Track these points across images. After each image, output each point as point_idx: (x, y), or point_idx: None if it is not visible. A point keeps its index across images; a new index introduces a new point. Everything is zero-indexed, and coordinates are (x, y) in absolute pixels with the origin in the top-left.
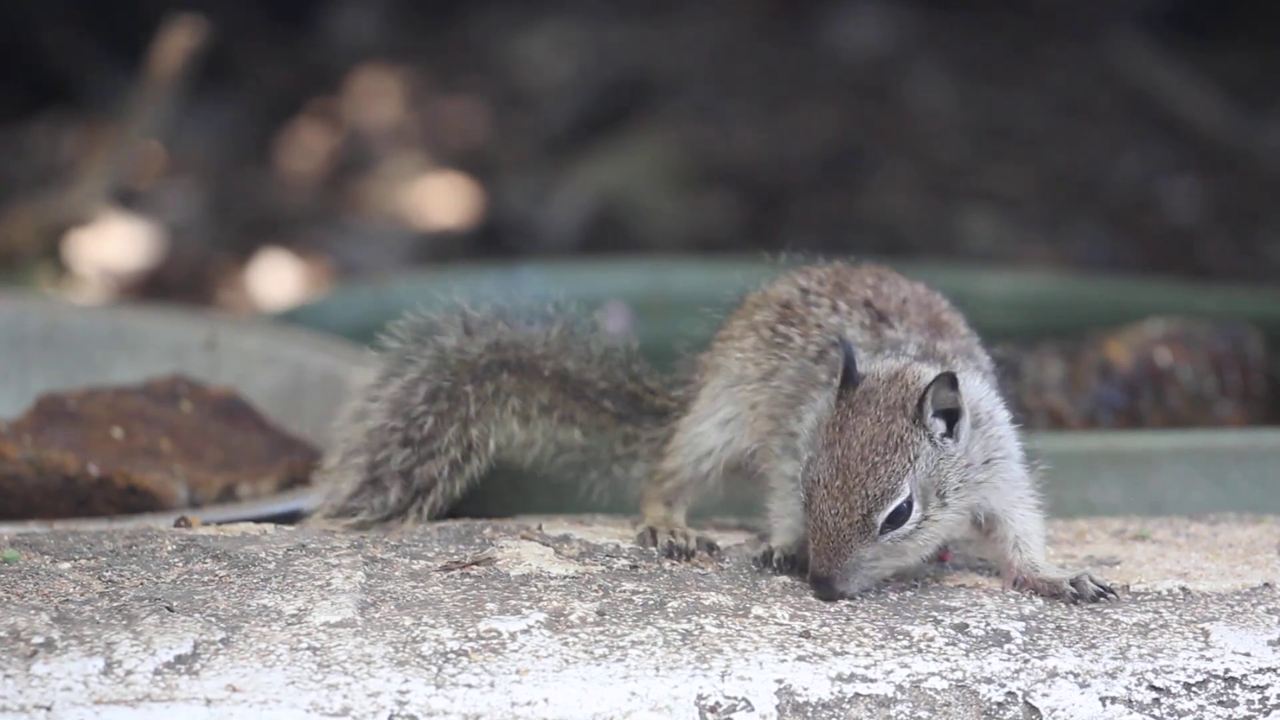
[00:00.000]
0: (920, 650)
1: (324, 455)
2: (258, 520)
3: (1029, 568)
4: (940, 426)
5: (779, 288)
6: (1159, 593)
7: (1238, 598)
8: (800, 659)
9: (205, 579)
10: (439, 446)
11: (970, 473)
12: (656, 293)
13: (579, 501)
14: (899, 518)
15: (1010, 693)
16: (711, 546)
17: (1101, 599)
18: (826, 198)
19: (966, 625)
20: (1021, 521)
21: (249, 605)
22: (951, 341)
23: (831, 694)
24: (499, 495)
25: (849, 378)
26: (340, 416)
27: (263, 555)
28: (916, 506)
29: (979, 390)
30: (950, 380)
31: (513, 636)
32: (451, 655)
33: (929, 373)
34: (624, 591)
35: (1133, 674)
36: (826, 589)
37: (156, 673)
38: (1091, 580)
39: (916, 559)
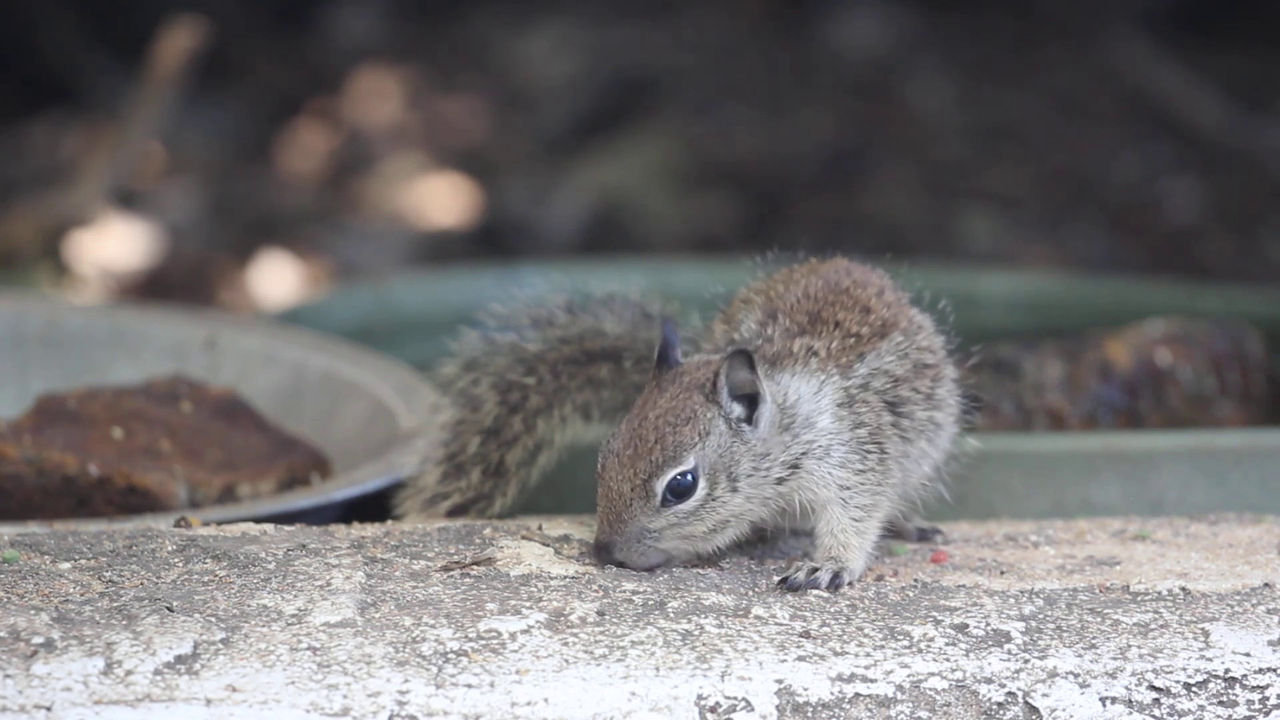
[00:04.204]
0: (920, 650)
1: (328, 456)
2: (258, 520)
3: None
4: (738, 410)
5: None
6: (1159, 593)
7: (1238, 598)
8: (800, 659)
9: (205, 579)
10: (511, 436)
11: (767, 464)
12: (656, 293)
13: (580, 502)
14: (682, 490)
15: (1010, 693)
16: None
17: (805, 589)
18: (826, 198)
19: (966, 625)
20: (830, 522)
21: (249, 605)
22: (814, 342)
23: (831, 694)
24: None
25: (664, 358)
26: (420, 414)
27: (263, 555)
28: (703, 484)
29: (798, 391)
30: (746, 360)
31: (513, 636)
32: (451, 655)
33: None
34: (624, 591)
35: (1133, 674)
36: (605, 554)
37: (156, 673)
38: (815, 573)
39: (709, 544)
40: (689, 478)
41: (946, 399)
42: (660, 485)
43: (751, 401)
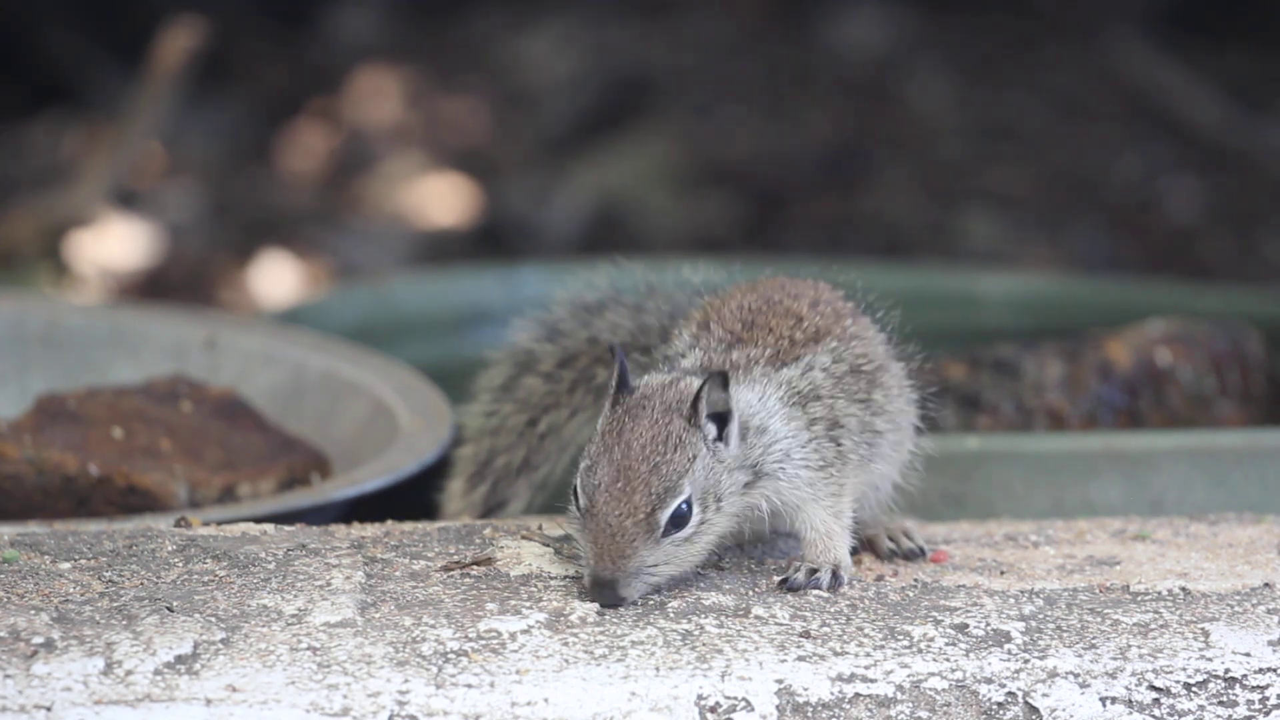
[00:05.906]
0: (920, 650)
1: (328, 456)
2: (258, 520)
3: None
4: (713, 430)
5: None
6: (1159, 593)
7: (1238, 598)
8: (800, 659)
9: (205, 579)
10: (513, 441)
11: (741, 477)
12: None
13: None
14: (681, 519)
15: (1010, 693)
16: None
17: (808, 588)
18: (826, 198)
19: (966, 625)
20: (809, 518)
21: (249, 605)
22: (752, 350)
23: (831, 694)
24: None
25: (623, 383)
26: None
27: (263, 555)
28: (696, 509)
29: (748, 402)
30: (722, 380)
31: (513, 636)
32: (451, 655)
33: (699, 381)
34: None
35: (1133, 674)
36: (610, 593)
37: (156, 673)
38: (816, 574)
39: (691, 566)
40: (685, 506)
41: (885, 405)
42: (664, 517)
43: (720, 420)
